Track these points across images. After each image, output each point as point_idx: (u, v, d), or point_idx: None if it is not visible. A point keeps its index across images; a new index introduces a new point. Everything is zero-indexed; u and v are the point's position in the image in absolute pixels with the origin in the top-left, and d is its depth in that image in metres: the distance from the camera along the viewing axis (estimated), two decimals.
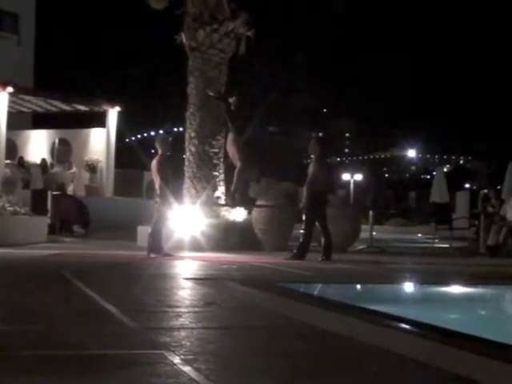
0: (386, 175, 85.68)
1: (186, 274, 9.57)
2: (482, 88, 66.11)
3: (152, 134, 47.35)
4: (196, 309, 6.06)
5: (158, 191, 12.40)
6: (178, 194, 13.50)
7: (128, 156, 29.50)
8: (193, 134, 16.11)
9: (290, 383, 3.51)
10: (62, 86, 31.42)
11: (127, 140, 39.04)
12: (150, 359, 3.87)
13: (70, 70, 38.58)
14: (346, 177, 53.36)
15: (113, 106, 26.21)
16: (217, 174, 15.99)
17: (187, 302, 6.57)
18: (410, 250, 17.24)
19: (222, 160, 16.09)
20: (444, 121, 67.03)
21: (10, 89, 23.34)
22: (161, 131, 39.00)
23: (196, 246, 14.04)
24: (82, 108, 27.43)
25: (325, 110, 70.96)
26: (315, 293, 7.88)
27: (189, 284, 8.02)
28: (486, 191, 19.17)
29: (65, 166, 26.20)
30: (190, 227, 14.40)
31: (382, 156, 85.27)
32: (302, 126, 55.08)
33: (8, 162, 24.43)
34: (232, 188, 15.04)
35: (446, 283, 8.71)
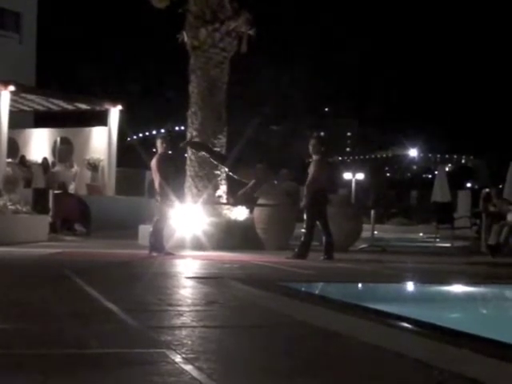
0: (388, 174, 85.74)
1: (187, 272, 9.57)
2: (485, 87, 66.10)
3: (154, 132, 47.36)
4: (197, 308, 6.06)
5: (157, 190, 12.42)
6: (179, 193, 13.50)
7: (129, 155, 29.48)
8: (194, 133, 16.12)
9: (290, 382, 3.51)
10: (64, 85, 31.47)
11: (129, 139, 39.03)
12: (151, 358, 3.86)
13: (72, 68, 38.64)
14: (347, 176, 53.31)
15: (114, 104, 26.18)
16: (218, 172, 15.99)
17: (189, 301, 6.57)
18: (411, 250, 17.21)
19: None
20: (446, 120, 67.07)
21: (11, 87, 23.32)
22: (162, 130, 39.00)
23: (197, 245, 14.05)
24: (84, 107, 27.40)
25: (326, 109, 70.99)
26: (317, 292, 7.89)
27: (190, 283, 8.02)
28: (487, 190, 19.13)
29: (66, 165, 26.15)
30: (192, 226, 14.40)
31: (384, 155, 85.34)
32: (303, 125, 55.11)
33: (10, 160, 24.42)
34: (242, 190, 15.04)
35: (447, 282, 8.71)
